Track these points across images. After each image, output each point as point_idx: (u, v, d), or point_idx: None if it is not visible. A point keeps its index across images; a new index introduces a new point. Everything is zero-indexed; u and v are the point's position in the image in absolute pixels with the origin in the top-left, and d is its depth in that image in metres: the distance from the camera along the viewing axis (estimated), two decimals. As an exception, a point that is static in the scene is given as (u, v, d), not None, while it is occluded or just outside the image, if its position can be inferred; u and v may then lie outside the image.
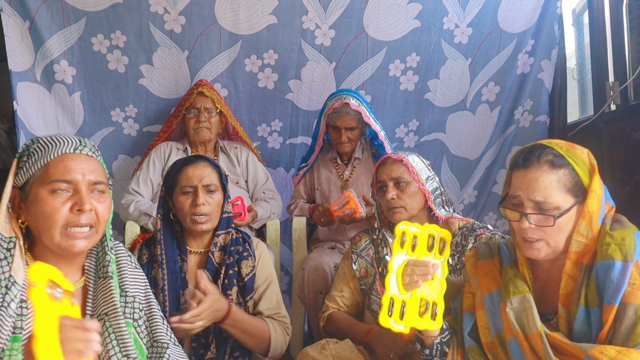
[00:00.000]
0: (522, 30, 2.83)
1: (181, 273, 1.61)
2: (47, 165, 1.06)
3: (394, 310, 1.21)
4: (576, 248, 1.12)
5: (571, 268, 1.12)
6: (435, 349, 1.26)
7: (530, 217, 1.13)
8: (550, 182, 1.12)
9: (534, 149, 1.17)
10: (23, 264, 1.05)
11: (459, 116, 2.96)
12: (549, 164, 1.14)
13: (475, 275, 1.28)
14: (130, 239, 2.25)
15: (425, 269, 1.22)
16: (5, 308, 0.99)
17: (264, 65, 2.72)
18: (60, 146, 1.08)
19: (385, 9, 2.69)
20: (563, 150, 1.15)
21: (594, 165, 1.15)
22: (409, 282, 1.22)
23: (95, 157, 1.12)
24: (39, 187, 1.05)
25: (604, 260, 1.08)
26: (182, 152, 2.49)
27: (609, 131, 2.50)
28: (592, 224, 1.12)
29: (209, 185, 1.63)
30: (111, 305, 1.10)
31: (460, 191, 3.06)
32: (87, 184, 1.08)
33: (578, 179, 1.13)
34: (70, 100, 2.64)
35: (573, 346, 1.06)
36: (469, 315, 1.26)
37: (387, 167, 1.75)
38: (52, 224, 1.04)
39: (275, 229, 2.49)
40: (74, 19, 2.53)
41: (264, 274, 1.70)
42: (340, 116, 2.37)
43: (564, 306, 1.13)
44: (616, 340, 1.04)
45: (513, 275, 1.19)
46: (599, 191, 1.13)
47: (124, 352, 1.07)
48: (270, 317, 1.65)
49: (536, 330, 1.10)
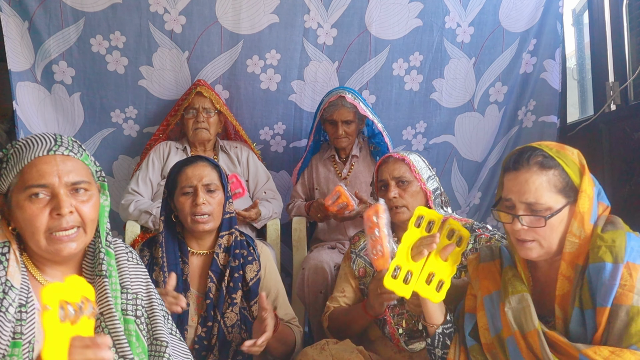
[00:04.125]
0: (525, 29, 2.83)
1: (182, 275, 1.61)
2: (22, 171, 1.02)
3: (399, 275, 1.26)
4: (570, 249, 1.13)
5: (566, 269, 1.13)
6: (437, 339, 1.27)
7: (522, 219, 1.14)
8: (540, 184, 1.13)
9: (523, 151, 1.19)
10: (19, 267, 1.04)
11: (467, 117, 2.94)
12: (539, 166, 1.15)
13: (476, 278, 1.29)
14: (130, 239, 2.25)
15: (432, 239, 1.25)
16: (3, 313, 0.98)
17: (266, 66, 2.71)
18: (33, 149, 1.03)
19: (387, 8, 2.68)
20: (552, 152, 1.16)
21: (583, 165, 1.16)
22: (417, 253, 1.26)
23: (74, 156, 1.06)
24: (18, 194, 1.02)
25: (595, 263, 1.08)
26: (182, 152, 2.49)
27: (609, 131, 2.50)
28: (584, 224, 1.12)
29: (209, 185, 1.63)
30: (106, 305, 1.08)
31: (468, 194, 3.05)
32: (65, 185, 1.04)
33: (569, 179, 1.14)
34: (70, 100, 2.63)
35: (568, 344, 1.06)
36: (470, 316, 1.27)
37: (389, 166, 1.75)
38: (35, 230, 1.02)
39: (276, 229, 2.49)
40: (72, 20, 2.52)
41: (272, 281, 1.71)
42: (337, 109, 2.39)
43: (560, 307, 1.14)
44: (610, 341, 1.04)
45: (512, 276, 1.21)
46: (589, 191, 1.14)
47: (120, 352, 1.06)
48: (289, 322, 1.67)
49: (534, 327, 1.11)
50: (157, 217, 2.19)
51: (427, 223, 1.32)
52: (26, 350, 1.00)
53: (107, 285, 1.10)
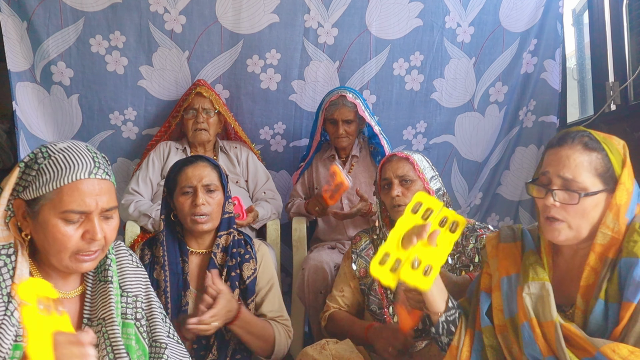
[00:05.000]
0: (525, 29, 2.82)
1: (183, 274, 1.61)
2: (60, 191, 1.02)
3: (387, 263, 1.21)
4: (602, 240, 1.11)
5: (595, 261, 1.11)
6: (442, 327, 1.25)
7: (555, 194, 1.12)
8: (581, 162, 1.11)
9: (571, 131, 1.17)
10: (27, 271, 1.05)
11: (467, 117, 2.94)
12: (583, 145, 1.13)
13: (495, 257, 1.26)
14: (130, 239, 2.25)
15: (423, 228, 1.22)
16: (8, 317, 0.98)
17: (266, 66, 2.71)
18: (75, 170, 1.03)
19: (387, 7, 2.68)
20: (600, 137, 1.15)
21: (626, 157, 1.14)
22: (406, 241, 1.22)
23: (109, 178, 1.09)
24: (50, 211, 1.02)
25: (629, 257, 1.06)
26: (182, 152, 2.49)
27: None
28: (619, 217, 1.10)
29: (208, 185, 1.62)
30: (108, 310, 1.10)
31: (469, 194, 3.04)
32: (100, 211, 1.05)
33: (610, 166, 1.12)
34: (69, 102, 2.62)
35: (585, 340, 1.05)
36: (486, 295, 1.25)
37: (392, 165, 1.74)
38: (63, 249, 1.03)
39: (276, 229, 2.49)
40: (72, 20, 2.51)
41: (266, 277, 1.70)
42: (338, 108, 2.39)
43: (582, 298, 1.12)
44: (629, 338, 1.03)
45: (534, 261, 1.18)
46: (628, 184, 1.12)
47: (117, 358, 1.07)
48: (273, 319, 1.65)
49: (551, 319, 1.09)
50: (156, 220, 2.20)
51: (425, 210, 1.28)
52: None
53: (111, 291, 1.11)
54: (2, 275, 1.01)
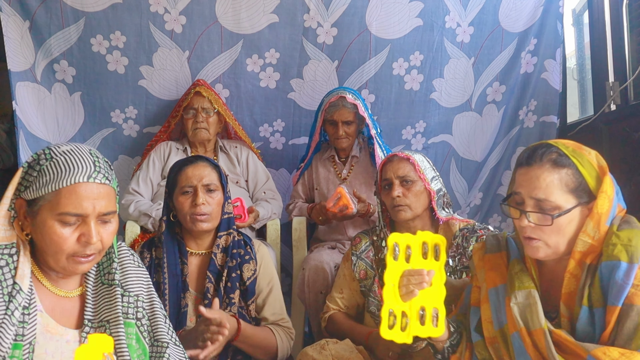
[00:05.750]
0: (524, 29, 2.82)
1: (182, 276, 1.61)
2: (58, 193, 1.02)
3: (396, 322, 1.19)
4: (581, 248, 1.11)
5: (574, 267, 1.12)
6: (447, 352, 1.26)
7: (529, 215, 1.13)
8: (551, 181, 1.11)
9: (538, 147, 1.17)
10: (29, 271, 1.05)
11: (464, 117, 2.94)
12: (552, 163, 1.13)
13: (482, 269, 1.26)
14: (130, 239, 2.25)
15: (421, 277, 1.19)
16: (9, 316, 0.99)
17: (265, 65, 2.71)
18: (74, 173, 1.03)
19: (387, 7, 2.68)
20: (568, 151, 1.14)
21: (603, 167, 1.14)
22: (406, 293, 1.20)
23: (109, 183, 1.08)
24: (48, 212, 1.02)
25: (609, 261, 1.07)
26: (182, 152, 2.49)
27: (609, 131, 2.51)
28: (600, 225, 1.11)
29: (208, 185, 1.63)
30: (114, 313, 1.11)
31: (468, 194, 3.04)
32: (97, 215, 1.05)
33: (582, 180, 1.12)
34: (71, 100, 2.63)
35: (576, 344, 1.05)
36: (475, 309, 1.26)
37: (393, 165, 1.74)
38: (58, 250, 1.04)
39: (276, 229, 2.49)
40: (72, 20, 2.52)
41: (266, 278, 1.70)
42: (337, 109, 2.39)
43: (566, 305, 1.12)
44: (618, 341, 1.03)
45: (519, 270, 1.19)
46: (610, 192, 1.12)
47: (119, 357, 1.07)
48: (275, 322, 1.65)
49: (540, 326, 1.09)
50: (156, 220, 2.20)
51: (405, 250, 1.24)
52: (26, 352, 1.00)
53: (117, 293, 1.12)
54: (3, 274, 1.02)
